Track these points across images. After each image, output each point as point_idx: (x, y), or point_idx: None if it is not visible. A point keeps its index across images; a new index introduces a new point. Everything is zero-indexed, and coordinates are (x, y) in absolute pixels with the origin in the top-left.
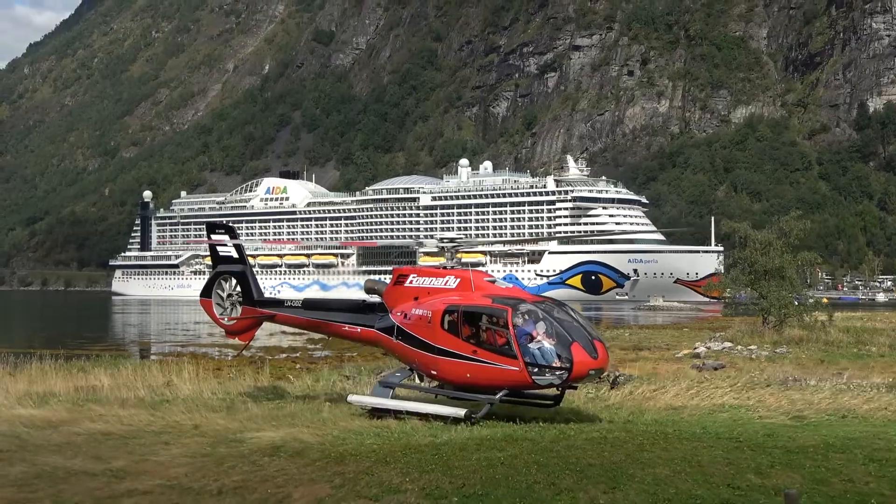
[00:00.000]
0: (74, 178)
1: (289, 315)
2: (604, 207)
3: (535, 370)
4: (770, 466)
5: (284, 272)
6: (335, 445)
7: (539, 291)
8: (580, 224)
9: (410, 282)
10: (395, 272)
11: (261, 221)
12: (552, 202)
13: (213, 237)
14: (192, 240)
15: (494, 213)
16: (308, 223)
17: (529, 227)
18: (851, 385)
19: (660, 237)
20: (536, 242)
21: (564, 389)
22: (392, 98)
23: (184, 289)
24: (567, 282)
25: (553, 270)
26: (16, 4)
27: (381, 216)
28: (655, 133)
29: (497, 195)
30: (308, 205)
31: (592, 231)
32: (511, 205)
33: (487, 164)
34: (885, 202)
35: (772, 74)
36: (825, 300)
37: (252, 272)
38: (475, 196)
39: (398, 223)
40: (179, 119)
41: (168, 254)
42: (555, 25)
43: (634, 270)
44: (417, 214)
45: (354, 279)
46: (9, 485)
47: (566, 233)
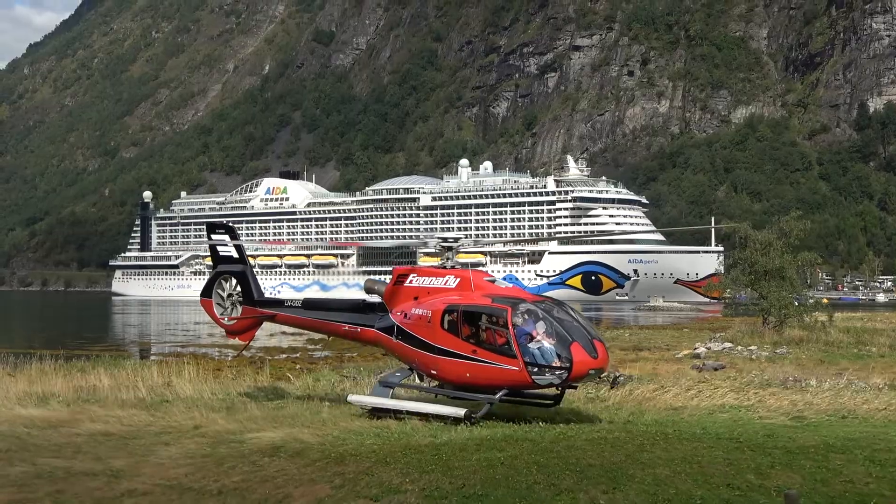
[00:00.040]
0: (74, 179)
1: (289, 315)
2: (604, 208)
3: (535, 370)
4: (770, 467)
5: (284, 272)
6: (335, 446)
7: (539, 292)
8: (580, 224)
9: (410, 281)
10: (395, 272)
11: (261, 222)
12: (552, 202)
13: (214, 237)
14: (192, 240)
15: (494, 214)
16: (308, 223)
17: (529, 228)
18: (851, 385)
19: (660, 237)
20: (536, 243)
21: (564, 389)
22: (392, 98)
23: (184, 289)
24: (567, 282)
25: (553, 271)
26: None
27: (382, 216)
28: (655, 133)
29: (497, 195)
30: (308, 205)
31: (592, 231)
32: (511, 205)
33: (487, 165)
34: (886, 202)
35: (772, 75)
36: (825, 300)
37: (252, 272)
38: (475, 196)
39: (398, 223)
40: (179, 119)
41: (168, 254)
42: (555, 26)
43: (634, 271)
44: (417, 215)
45: (354, 279)
46: (9, 485)
47: (566, 233)
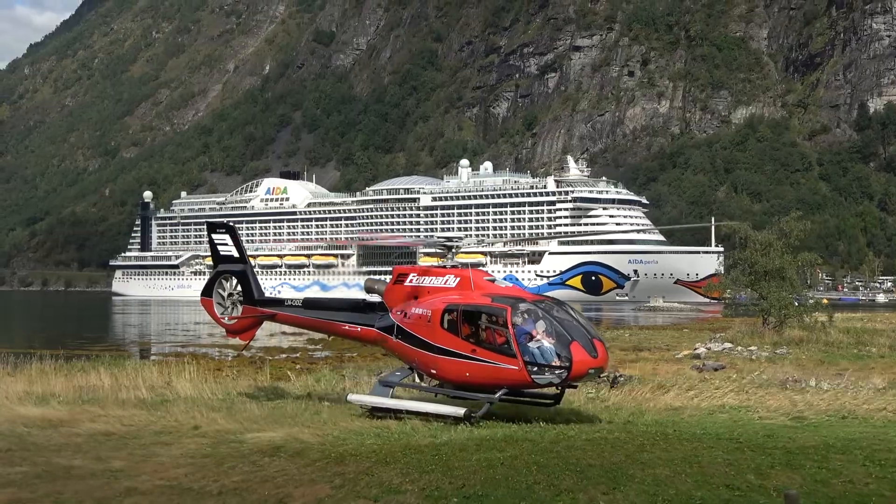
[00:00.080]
0: (75, 179)
1: (289, 314)
2: (604, 208)
3: (535, 369)
4: (770, 467)
5: (285, 273)
6: (335, 446)
7: (539, 292)
8: (580, 224)
9: (410, 281)
10: (395, 271)
11: (261, 222)
12: (552, 203)
13: (214, 236)
14: (193, 240)
15: (495, 214)
16: (308, 223)
17: (530, 228)
18: (851, 386)
19: (660, 238)
20: (536, 243)
21: (564, 388)
22: (392, 98)
23: (184, 289)
24: (567, 282)
25: (553, 271)
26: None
27: (382, 216)
28: (656, 133)
29: (497, 195)
30: (308, 205)
31: (592, 231)
32: (511, 205)
33: (488, 165)
34: (886, 203)
35: (772, 75)
36: (825, 301)
37: (253, 271)
38: (475, 196)
39: (398, 224)
40: (180, 119)
41: (168, 254)
42: (555, 26)
43: (635, 271)
44: (418, 215)
45: (355, 279)
46: (9, 485)
47: (566, 233)
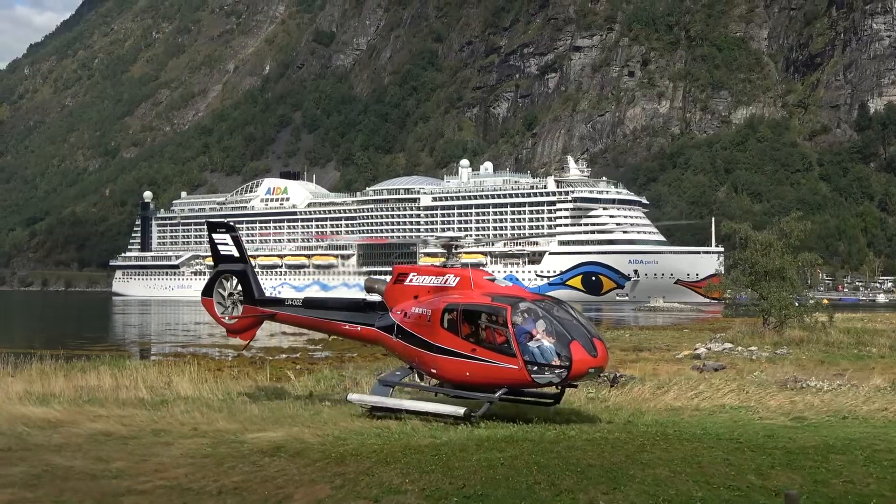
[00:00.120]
0: (75, 179)
1: (289, 314)
2: (604, 208)
3: (535, 368)
4: (770, 467)
5: (285, 273)
6: (336, 446)
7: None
8: (581, 225)
9: (410, 280)
10: (395, 270)
11: (261, 222)
12: (553, 203)
13: (215, 236)
14: (193, 240)
15: (495, 214)
16: (308, 224)
17: (530, 228)
18: (851, 386)
19: (660, 238)
20: (537, 243)
21: (564, 388)
22: (393, 99)
23: (184, 289)
24: (567, 283)
25: (553, 271)
26: (16, 5)
27: (382, 217)
28: (656, 134)
29: (497, 196)
30: (308, 205)
31: (592, 232)
32: (511, 205)
33: (488, 165)
34: (886, 203)
35: (772, 75)
36: (826, 301)
37: (253, 271)
38: (476, 197)
39: (399, 224)
40: (180, 119)
41: (168, 254)
42: (555, 26)
43: (635, 271)
44: (418, 215)
45: (355, 280)
46: (10, 485)
47: (566, 234)
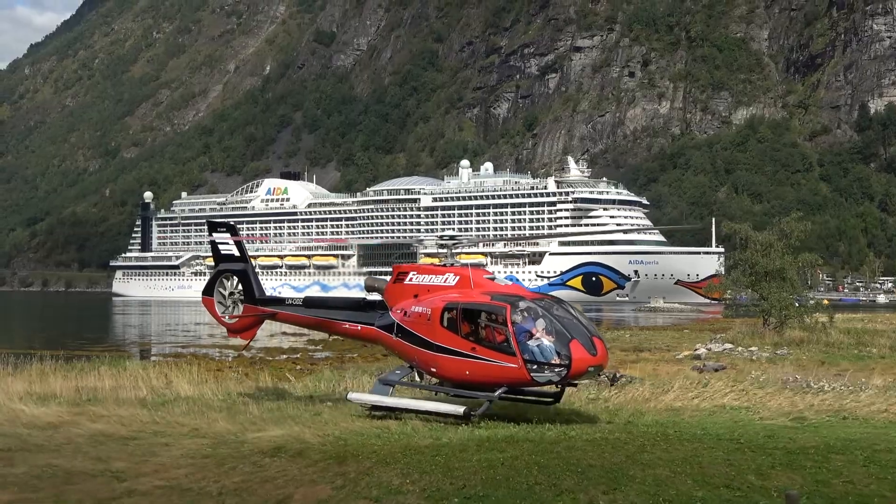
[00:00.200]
0: (75, 179)
1: (290, 313)
2: (604, 209)
3: (534, 367)
4: (770, 468)
5: (285, 273)
6: (336, 446)
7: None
8: (581, 225)
9: (410, 279)
10: (395, 269)
11: (261, 222)
12: (553, 203)
13: (216, 236)
14: (193, 240)
15: (495, 214)
16: (309, 224)
17: (530, 228)
18: (852, 386)
19: (660, 238)
20: (537, 243)
21: (564, 387)
22: (393, 99)
23: (184, 290)
24: (568, 283)
25: (554, 272)
26: (17, 5)
27: (382, 217)
28: (656, 134)
29: (498, 196)
30: (309, 206)
31: (593, 232)
32: (512, 206)
33: (488, 165)
34: (886, 203)
35: (773, 76)
36: (826, 302)
37: (253, 270)
38: (476, 197)
39: (399, 224)
40: (180, 120)
41: (168, 255)
42: (556, 27)
43: (635, 272)
44: (418, 215)
45: (355, 280)
46: (10, 485)
47: (566, 234)
